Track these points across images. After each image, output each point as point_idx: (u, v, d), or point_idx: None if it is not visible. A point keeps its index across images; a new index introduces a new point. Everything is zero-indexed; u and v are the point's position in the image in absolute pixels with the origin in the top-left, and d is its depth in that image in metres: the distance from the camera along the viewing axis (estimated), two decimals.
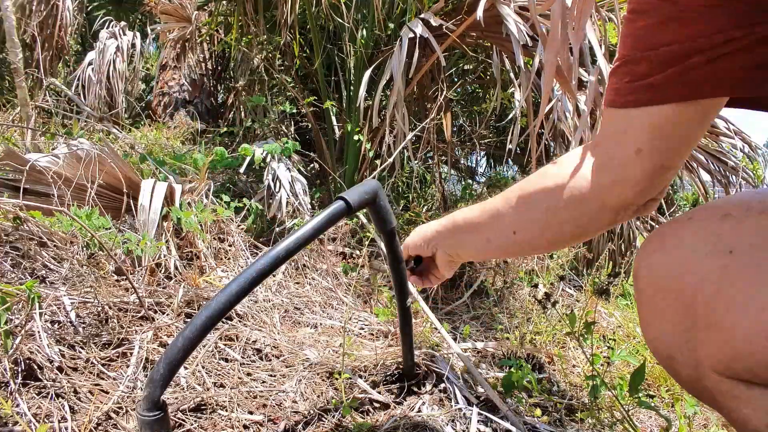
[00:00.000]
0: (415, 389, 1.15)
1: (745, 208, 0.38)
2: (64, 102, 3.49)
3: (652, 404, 1.03)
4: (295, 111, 2.88)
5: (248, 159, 1.95)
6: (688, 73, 0.38)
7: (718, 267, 0.37)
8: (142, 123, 3.87)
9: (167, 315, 1.23)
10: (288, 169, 2.00)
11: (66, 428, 0.83)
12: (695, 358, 0.39)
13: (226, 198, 1.80)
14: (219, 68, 4.50)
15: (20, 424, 0.79)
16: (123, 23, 4.05)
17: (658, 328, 0.43)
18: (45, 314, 1.05)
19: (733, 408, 0.38)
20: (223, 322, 1.28)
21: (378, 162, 2.23)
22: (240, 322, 1.33)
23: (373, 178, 2.05)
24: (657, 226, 2.69)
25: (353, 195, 0.75)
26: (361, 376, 1.14)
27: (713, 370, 0.38)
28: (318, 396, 1.08)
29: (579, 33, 1.09)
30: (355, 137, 2.26)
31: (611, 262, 2.61)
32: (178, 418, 0.93)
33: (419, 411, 1.07)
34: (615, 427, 1.09)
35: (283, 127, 3.26)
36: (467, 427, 1.04)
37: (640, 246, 0.47)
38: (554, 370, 1.40)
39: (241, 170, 2.01)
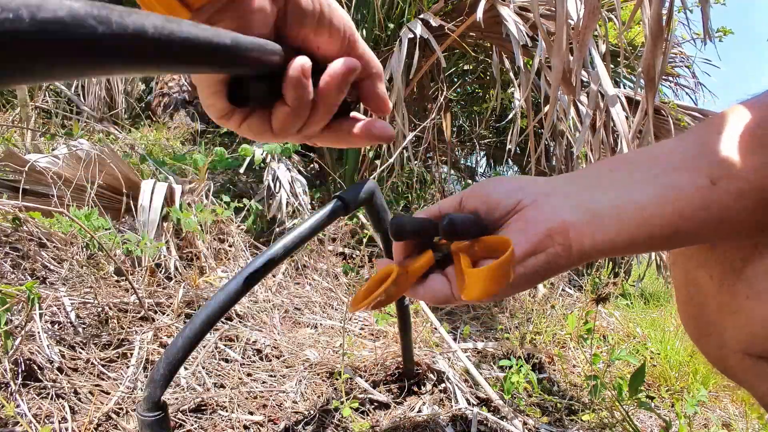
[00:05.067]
0: (416, 389, 1.15)
1: None
2: (64, 102, 3.49)
3: (652, 405, 1.03)
4: None
5: (248, 159, 1.95)
6: None
7: (740, 259, 0.40)
8: (142, 123, 3.88)
9: (167, 315, 1.23)
10: (288, 169, 2.00)
11: (66, 429, 0.83)
12: (721, 340, 0.42)
13: (226, 198, 1.80)
14: None
15: (21, 425, 0.79)
16: None
17: (690, 312, 0.47)
18: (45, 315, 1.05)
19: (754, 384, 0.42)
20: (223, 323, 1.28)
21: (378, 162, 2.24)
22: (240, 322, 1.33)
23: (373, 178, 2.05)
24: None
25: (350, 194, 0.75)
26: (361, 376, 1.14)
27: (737, 350, 0.41)
28: (318, 396, 1.08)
29: (583, 48, 1.11)
30: None
31: (611, 262, 2.61)
32: (179, 419, 0.93)
33: (419, 411, 1.07)
34: (615, 427, 1.09)
35: None
36: (467, 428, 1.04)
37: None
38: (554, 370, 1.40)
39: (241, 171, 2.01)
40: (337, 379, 1.11)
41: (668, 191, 0.35)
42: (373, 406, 1.08)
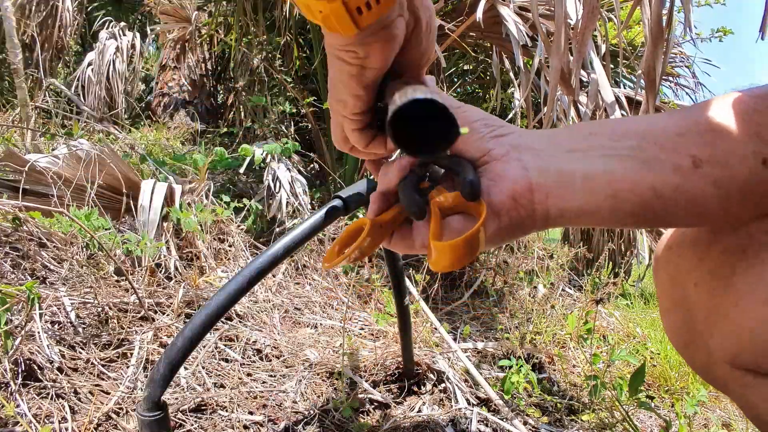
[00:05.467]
0: (416, 389, 1.15)
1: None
2: (64, 102, 3.49)
3: (652, 405, 1.03)
4: (294, 111, 2.88)
5: (248, 159, 1.95)
6: None
7: (728, 265, 0.38)
8: (142, 123, 3.88)
9: (167, 315, 1.23)
10: (288, 169, 2.00)
11: (66, 429, 0.83)
12: (708, 348, 0.41)
13: (226, 198, 1.80)
14: (219, 69, 4.50)
15: (21, 425, 0.79)
16: (123, 24, 4.05)
17: (674, 320, 0.45)
18: (45, 315, 1.05)
19: (741, 395, 0.40)
20: (223, 323, 1.28)
21: None
22: (240, 322, 1.33)
23: (373, 178, 2.05)
24: None
25: (350, 194, 0.75)
26: (361, 376, 1.14)
27: (723, 360, 0.40)
28: (318, 396, 1.08)
29: (583, 48, 1.11)
30: None
31: (611, 262, 2.61)
32: (179, 419, 0.93)
33: (419, 411, 1.07)
34: (615, 428, 1.09)
35: (283, 128, 3.26)
36: (467, 428, 1.04)
37: (659, 245, 0.47)
38: (554, 370, 1.40)
39: (241, 170, 2.01)
40: (337, 379, 1.11)
41: (645, 166, 0.33)
42: (373, 406, 1.08)
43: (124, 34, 3.87)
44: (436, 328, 1.35)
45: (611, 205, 0.34)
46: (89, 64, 3.64)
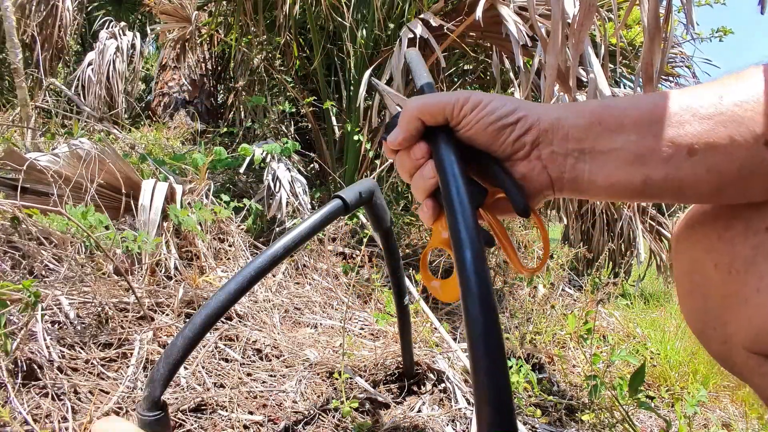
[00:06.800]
0: (415, 389, 1.15)
1: None
2: (64, 102, 3.49)
3: (652, 405, 1.03)
4: (294, 111, 2.88)
5: (248, 159, 1.95)
6: None
7: (750, 246, 0.37)
8: (142, 123, 3.88)
9: (167, 315, 1.23)
10: (288, 169, 2.00)
11: (66, 428, 0.83)
12: (725, 334, 0.40)
13: (225, 198, 1.80)
14: (219, 68, 4.50)
15: (20, 424, 0.79)
16: (123, 23, 4.05)
17: (692, 303, 0.44)
18: (45, 314, 1.05)
19: (759, 383, 0.40)
20: (223, 322, 1.28)
21: (378, 162, 2.24)
22: (240, 322, 1.33)
23: (373, 177, 2.05)
24: (656, 226, 2.68)
25: (350, 194, 0.75)
26: (361, 376, 1.14)
27: (741, 346, 0.39)
28: (318, 396, 1.08)
29: (579, 46, 1.10)
30: (355, 137, 2.26)
31: (611, 262, 2.62)
32: (179, 418, 0.93)
33: (419, 411, 1.07)
34: (615, 428, 1.09)
35: (283, 127, 3.26)
36: (467, 427, 1.04)
37: (678, 223, 0.47)
38: (554, 370, 1.40)
39: (241, 170, 2.01)
40: (337, 379, 1.11)
41: (639, 160, 0.38)
42: (373, 406, 1.08)
43: (124, 34, 3.87)
44: (436, 328, 1.35)
45: (610, 194, 0.41)
46: (89, 64, 3.64)
